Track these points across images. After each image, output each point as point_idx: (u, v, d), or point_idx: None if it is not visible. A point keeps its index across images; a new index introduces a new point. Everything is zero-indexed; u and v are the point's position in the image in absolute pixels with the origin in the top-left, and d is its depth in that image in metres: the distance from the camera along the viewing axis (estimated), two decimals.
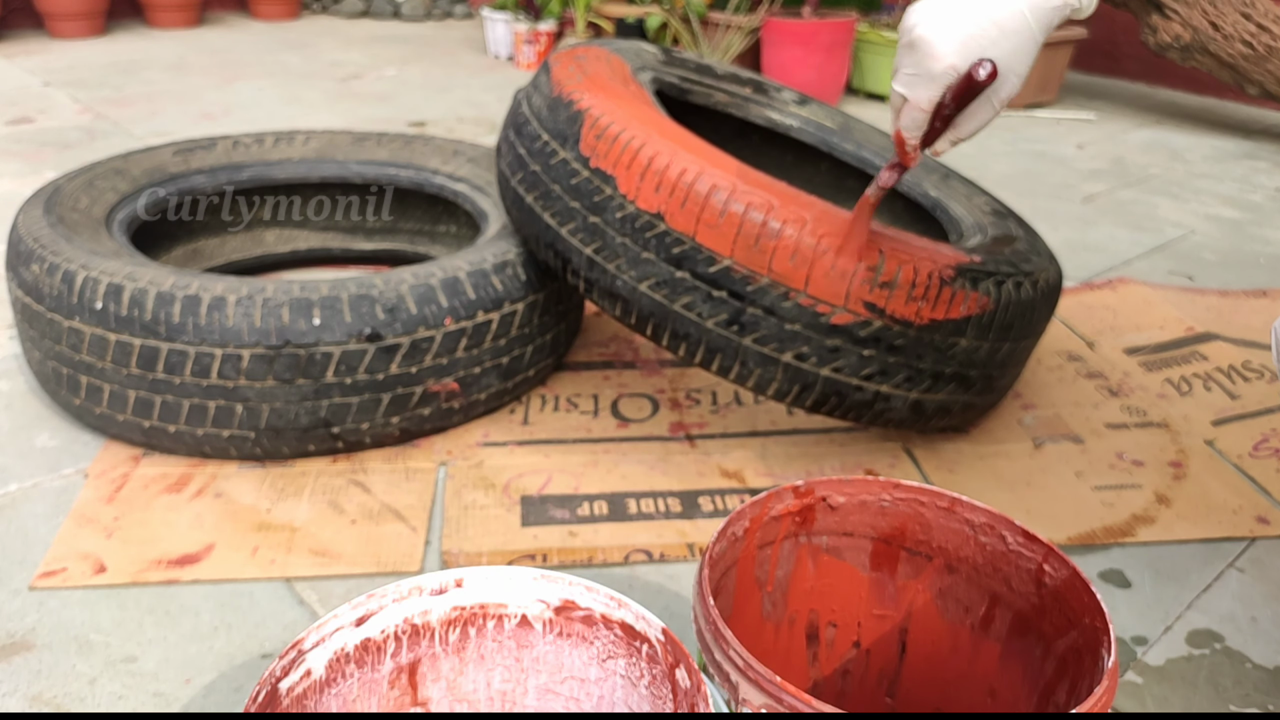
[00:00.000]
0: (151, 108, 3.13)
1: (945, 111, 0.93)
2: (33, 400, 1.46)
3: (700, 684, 0.69)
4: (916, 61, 0.91)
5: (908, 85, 0.92)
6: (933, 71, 0.90)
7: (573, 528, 1.22)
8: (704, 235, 1.15)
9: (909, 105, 0.94)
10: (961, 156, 2.88)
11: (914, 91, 0.92)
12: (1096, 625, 0.71)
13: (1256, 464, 1.39)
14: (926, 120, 0.94)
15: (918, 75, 0.91)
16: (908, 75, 0.92)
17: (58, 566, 1.11)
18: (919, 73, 0.91)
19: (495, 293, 1.32)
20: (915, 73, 0.91)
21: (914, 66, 0.91)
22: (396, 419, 1.31)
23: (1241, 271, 2.10)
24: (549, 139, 1.27)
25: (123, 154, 1.71)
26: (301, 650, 0.72)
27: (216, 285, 1.23)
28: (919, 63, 0.90)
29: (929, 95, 0.92)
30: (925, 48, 0.89)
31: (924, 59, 0.90)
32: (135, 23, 4.59)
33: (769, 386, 1.21)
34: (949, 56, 0.89)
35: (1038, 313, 1.29)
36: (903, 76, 0.93)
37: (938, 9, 0.90)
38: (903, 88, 0.93)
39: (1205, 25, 3.02)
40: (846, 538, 0.88)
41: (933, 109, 0.93)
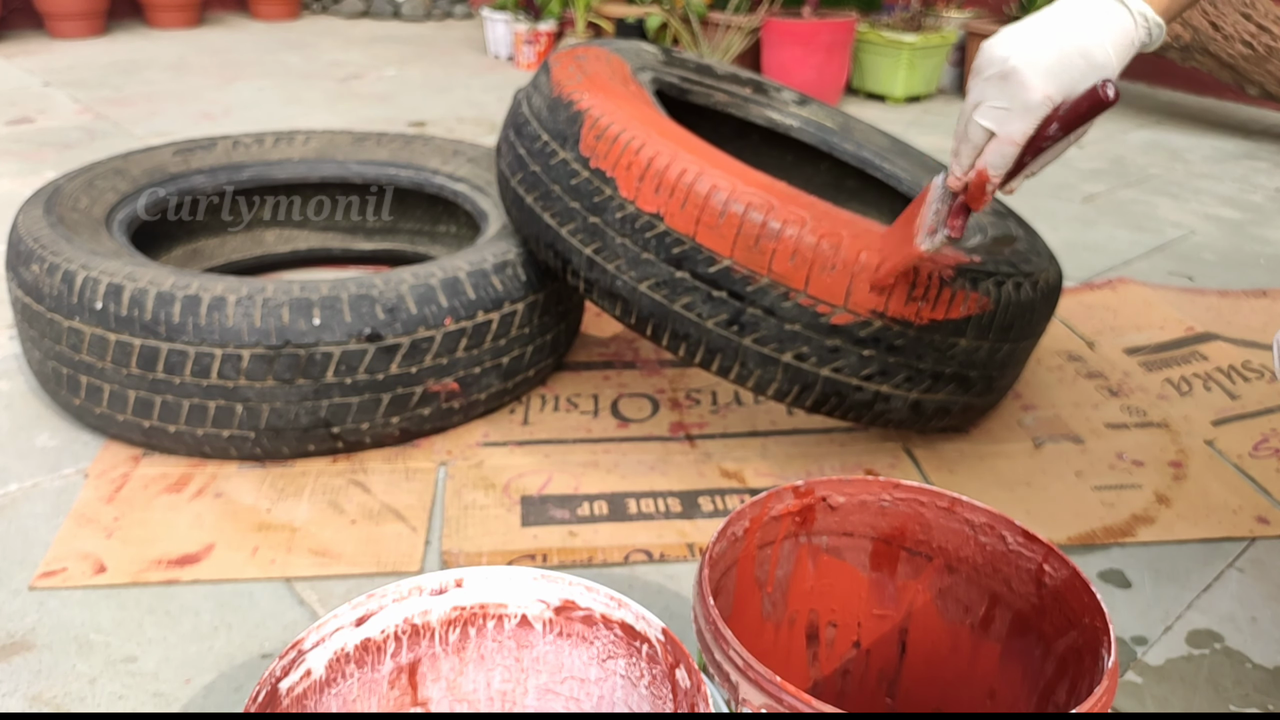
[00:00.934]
0: (151, 108, 3.13)
1: (1044, 144, 0.88)
2: (33, 400, 1.46)
3: (700, 684, 0.69)
4: (1010, 94, 0.86)
5: (998, 120, 0.88)
6: (1029, 103, 0.85)
7: (573, 528, 1.22)
8: (704, 235, 1.15)
9: (998, 141, 0.89)
10: None
11: (1006, 126, 0.87)
12: (1096, 625, 0.71)
13: (1256, 464, 1.39)
14: (1017, 155, 0.89)
15: (1010, 109, 0.87)
16: (997, 109, 0.87)
17: (58, 566, 1.11)
18: (1012, 106, 0.86)
19: (495, 293, 1.32)
20: (1007, 106, 0.87)
21: (1006, 100, 0.86)
22: (396, 419, 1.31)
23: (1241, 271, 2.10)
24: (549, 139, 1.27)
25: (123, 154, 1.71)
26: (301, 650, 0.72)
27: (216, 285, 1.23)
28: (1013, 95, 0.86)
29: (1024, 129, 0.87)
30: (1020, 79, 0.85)
31: (1019, 90, 0.85)
32: (135, 23, 4.59)
33: (769, 386, 1.21)
34: (1046, 87, 0.85)
35: (1038, 313, 1.29)
36: (990, 111, 0.88)
37: (1027, 40, 0.85)
38: (991, 123, 0.88)
39: (1205, 25, 3.02)
40: (846, 538, 0.88)
41: (1026, 143, 0.88)
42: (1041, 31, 0.86)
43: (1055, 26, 0.86)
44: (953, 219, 0.99)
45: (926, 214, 1.02)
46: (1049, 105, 0.86)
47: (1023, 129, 0.87)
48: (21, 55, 3.84)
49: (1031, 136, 0.88)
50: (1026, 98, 0.86)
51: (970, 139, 0.92)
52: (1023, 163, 0.91)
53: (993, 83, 0.88)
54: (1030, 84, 0.85)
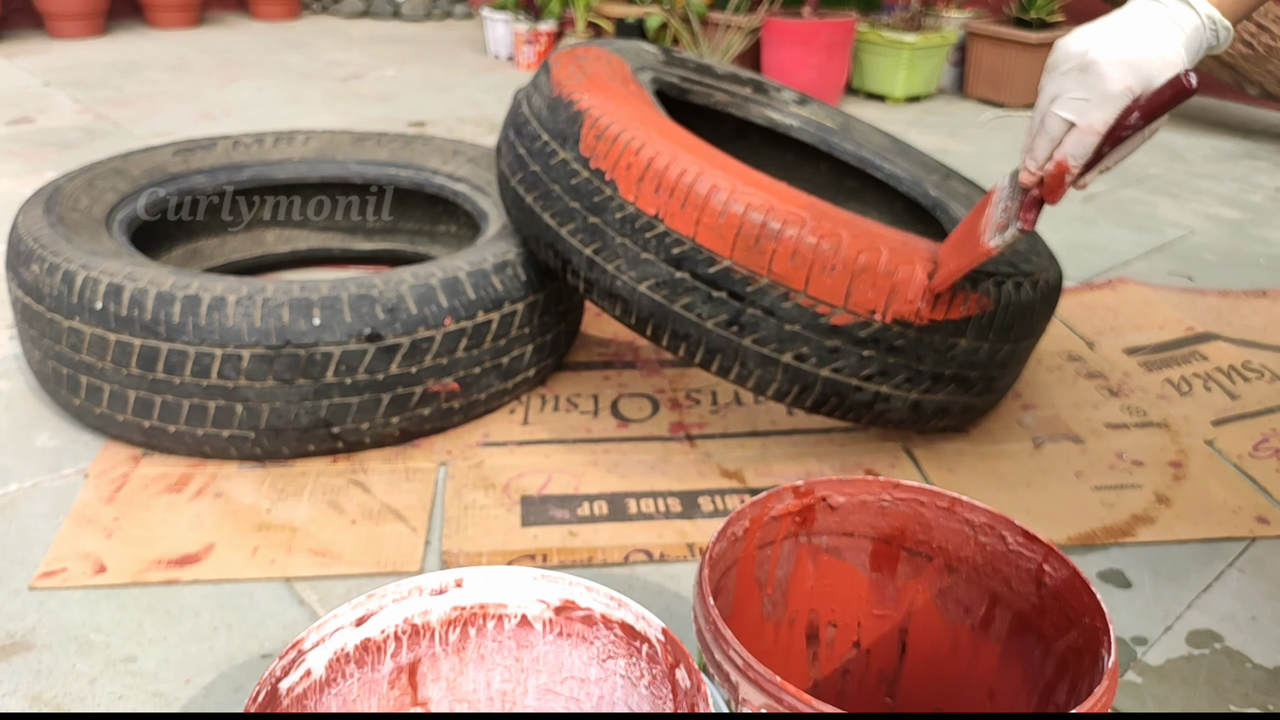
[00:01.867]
0: (151, 108, 3.13)
1: (1124, 134, 0.91)
2: (33, 400, 1.46)
3: (700, 684, 0.69)
4: (1090, 85, 0.89)
5: (1078, 111, 0.90)
6: (1110, 93, 0.88)
7: (573, 528, 1.22)
8: (704, 236, 1.15)
9: (1079, 131, 0.91)
10: (962, 157, 2.88)
11: (1087, 116, 0.90)
12: (1096, 625, 0.71)
13: (1256, 464, 1.39)
14: (1097, 145, 0.92)
15: (1090, 100, 0.89)
16: (1077, 100, 0.90)
17: (58, 566, 1.11)
18: (1091, 96, 0.89)
19: (495, 293, 1.32)
20: (1087, 97, 0.89)
21: (1086, 90, 0.89)
22: (396, 419, 1.31)
23: (1241, 271, 2.10)
24: (549, 139, 1.27)
25: (123, 154, 1.71)
26: (301, 650, 0.72)
27: (216, 285, 1.23)
28: (1093, 86, 0.89)
29: (1104, 118, 0.90)
30: (1100, 70, 0.88)
31: (1099, 81, 0.88)
32: (135, 23, 4.59)
33: (769, 387, 1.21)
34: (1126, 79, 0.88)
35: (1038, 313, 1.29)
36: (1069, 102, 0.91)
37: (1105, 37, 0.89)
38: (1071, 114, 0.91)
39: None
40: (846, 538, 0.88)
41: (1106, 132, 0.91)
42: (1118, 29, 0.89)
43: (1131, 26, 0.89)
44: (1025, 212, 1.00)
45: (993, 213, 1.03)
46: (1129, 96, 0.89)
47: (1103, 118, 0.90)
48: (21, 55, 3.84)
49: (1112, 126, 0.91)
50: (1106, 88, 0.88)
51: (1048, 131, 0.94)
52: (1100, 154, 0.93)
53: (1071, 75, 0.90)
54: (1110, 75, 0.88)
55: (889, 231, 1.19)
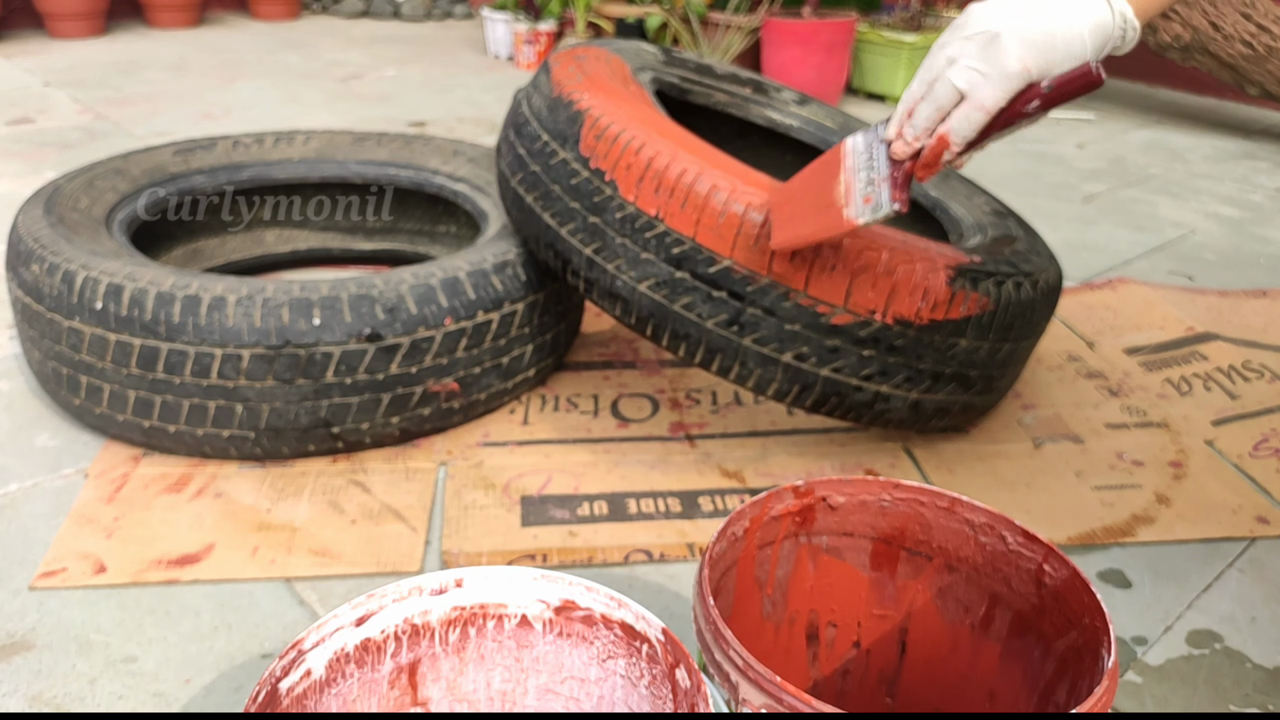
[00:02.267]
0: (151, 108, 3.13)
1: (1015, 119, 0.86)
2: (33, 400, 1.46)
3: (700, 684, 0.69)
4: (990, 58, 0.84)
5: (972, 83, 0.85)
6: (1008, 71, 0.83)
7: (573, 528, 1.22)
8: (704, 236, 1.15)
9: (967, 105, 0.86)
10: None
11: (979, 91, 0.85)
12: (1096, 625, 0.71)
13: (1256, 464, 1.39)
14: (984, 124, 0.87)
15: (987, 75, 0.84)
16: (973, 71, 0.85)
17: (58, 566, 1.11)
18: (990, 71, 0.84)
19: (495, 293, 1.32)
20: (985, 71, 0.84)
21: (985, 64, 0.84)
22: (396, 419, 1.31)
23: (1241, 271, 2.10)
24: (549, 139, 1.27)
25: (123, 154, 1.71)
26: (301, 650, 0.72)
27: (216, 285, 1.23)
28: (994, 59, 0.84)
29: (997, 97, 0.85)
30: (1002, 45, 0.83)
31: (1001, 55, 0.83)
32: (135, 23, 4.59)
33: (769, 386, 1.21)
34: (1026, 60, 0.83)
35: (1038, 313, 1.29)
36: (966, 70, 0.85)
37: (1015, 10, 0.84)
38: (964, 84, 0.85)
39: (1205, 25, 3.02)
40: (846, 538, 0.88)
41: (996, 112, 0.86)
42: (1033, 8, 0.85)
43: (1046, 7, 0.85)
44: (898, 191, 0.91)
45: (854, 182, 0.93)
46: (1025, 79, 0.84)
47: (996, 97, 0.85)
48: (21, 55, 3.84)
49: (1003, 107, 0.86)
50: (1006, 65, 0.84)
51: (936, 98, 0.88)
52: (985, 134, 0.88)
53: (973, 42, 0.85)
54: (1012, 52, 0.83)
55: (889, 231, 1.19)
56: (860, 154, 0.95)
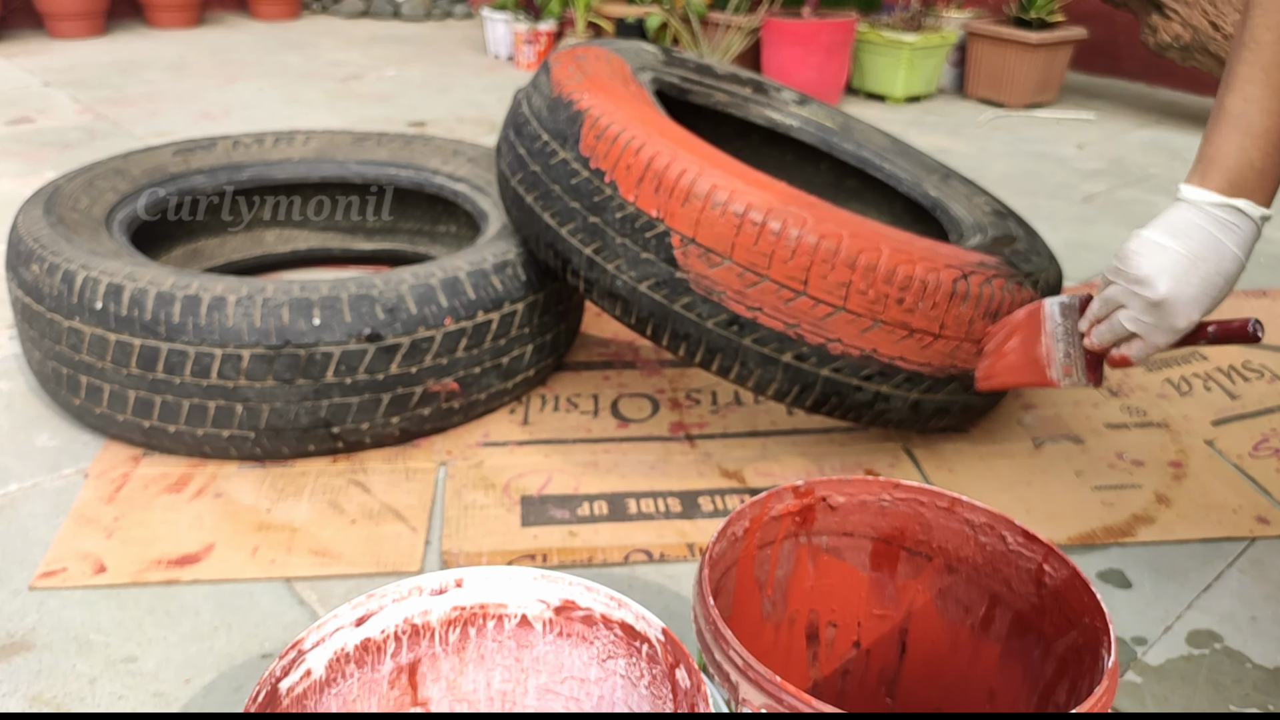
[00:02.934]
0: (151, 108, 3.13)
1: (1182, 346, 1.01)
2: (33, 400, 1.46)
3: (700, 684, 0.69)
4: (1159, 316, 0.96)
5: (1145, 330, 0.99)
6: (1177, 328, 0.97)
7: (573, 528, 1.22)
8: (704, 235, 1.15)
9: (1143, 343, 1.01)
10: (962, 157, 2.88)
11: (1153, 337, 0.99)
12: (1096, 625, 0.71)
13: (1256, 464, 1.39)
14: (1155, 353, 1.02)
15: (1158, 327, 0.98)
16: (1145, 323, 0.98)
17: (58, 566, 1.11)
18: (1160, 325, 0.97)
19: (495, 293, 1.32)
20: (1156, 324, 0.97)
21: (1155, 319, 0.97)
22: (396, 419, 1.31)
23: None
24: (549, 139, 1.27)
25: (123, 154, 1.71)
26: (301, 650, 0.72)
27: (216, 285, 1.23)
28: (1163, 318, 0.96)
29: (1168, 342, 0.99)
30: (1170, 309, 0.95)
31: (1168, 318, 0.96)
32: (135, 23, 4.59)
33: (769, 386, 1.21)
34: (1192, 314, 0.95)
35: None
36: (1137, 321, 0.99)
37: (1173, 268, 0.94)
38: (1138, 329, 1.00)
39: (1205, 25, 3.02)
40: (846, 538, 0.88)
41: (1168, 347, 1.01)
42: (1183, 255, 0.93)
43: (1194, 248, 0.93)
44: (1092, 372, 1.11)
45: (1054, 348, 1.12)
46: (1192, 327, 0.98)
47: (1167, 342, 1.00)
48: (21, 55, 3.84)
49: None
50: (1174, 324, 0.97)
51: (1114, 330, 1.03)
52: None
53: (1139, 301, 0.98)
54: (1179, 314, 0.96)
55: (890, 231, 1.19)
56: (1058, 324, 1.13)
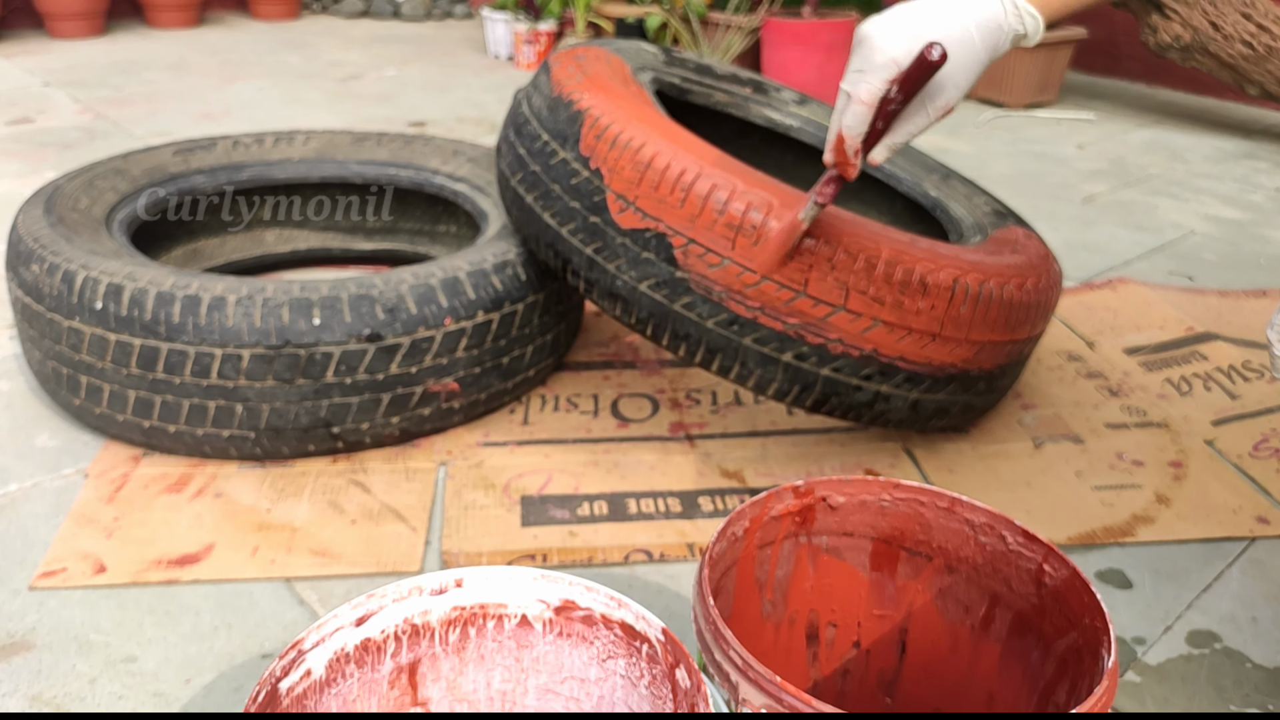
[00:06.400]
0: (151, 108, 3.13)
1: (890, 107, 0.93)
2: (33, 400, 1.46)
3: (700, 684, 0.69)
4: (862, 56, 0.92)
5: (852, 82, 0.93)
6: (875, 63, 0.91)
7: (573, 528, 1.22)
8: (704, 235, 1.15)
9: (852, 102, 0.94)
10: (962, 157, 2.88)
11: (858, 87, 0.93)
12: (1096, 625, 0.71)
13: (1256, 464, 1.39)
14: (869, 117, 0.94)
15: (862, 71, 0.92)
16: (853, 73, 0.93)
17: (58, 566, 1.11)
18: (864, 68, 0.92)
19: (495, 293, 1.32)
20: (860, 69, 0.92)
21: (860, 62, 0.92)
22: (396, 419, 1.31)
23: (1241, 271, 2.10)
24: (549, 139, 1.27)
25: (123, 154, 1.71)
26: (301, 650, 0.72)
27: (216, 285, 1.23)
28: (865, 57, 0.92)
29: (870, 88, 0.92)
30: (870, 42, 0.91)
31: (868, 52, 0.91)
32: (135, 23, 4.59)
33: (769, 386, 1.21)
34: (890, 49, 0.90)
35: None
36: (849, 75, 0.94)
37: (888, 14, 0.92)
38: (847, 85, 0.94)
39: (1205, 25, 3.02)
40: (846, 538, 0.88)
41: (875, 103, 0.93)
42: (905, 7, 0.92)
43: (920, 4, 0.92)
44: (823, 187, 1.03)
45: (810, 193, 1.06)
46: (893, 67, 0.91)
47: (868, 89, 0.92)
48: (21, 55, 3.84)
49: (879, 98, 0.93)
50: (873, 58, 0.91)
51: (837, 105, 0.97)
52: (877, 129, 0.95)
53: (853, 50, 0.94)
54: (876, 45, 0.91)
55: (890, 231, 1.19)
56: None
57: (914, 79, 0.90)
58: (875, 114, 0.94)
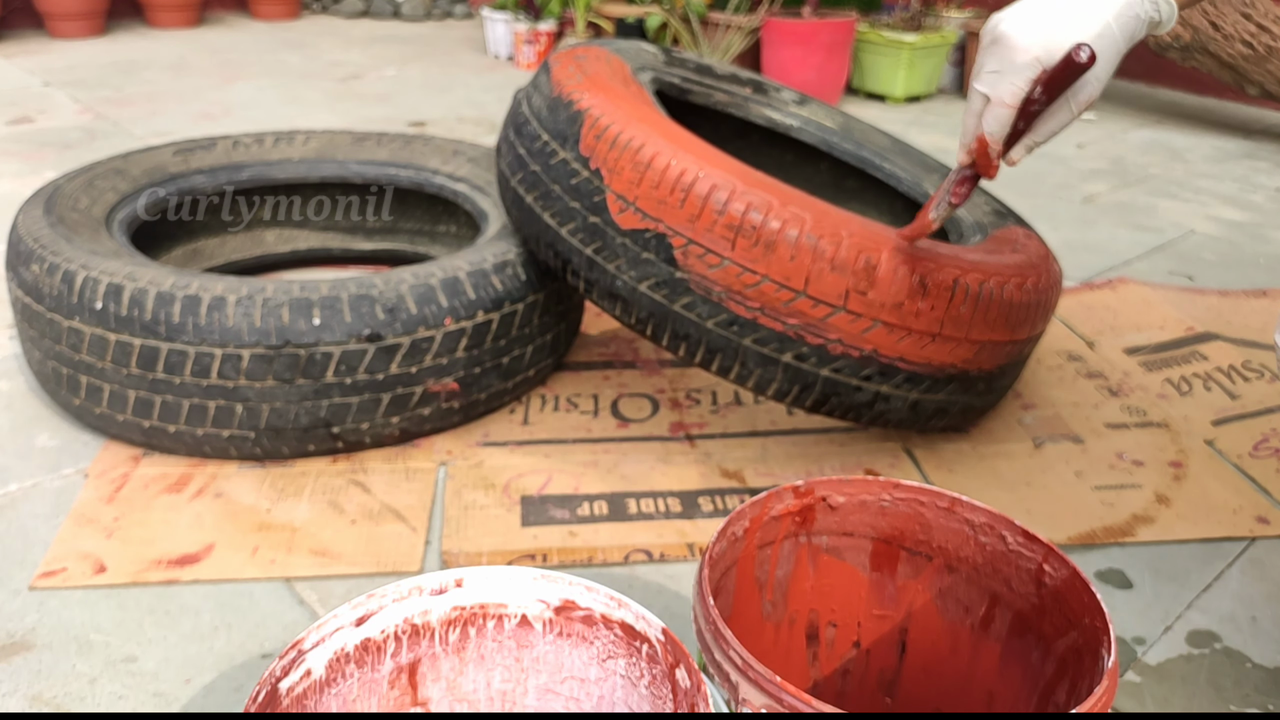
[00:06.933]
0: (151, 108, 3.13)
1: (1033, 107, 0.91)
2: (33, 400, 1.46)
3: (700, 684, 0.69)
4: (1000, 56, 0.89)
5: (991, 84, 0.91)
6: (1016, 63, 0.89)
7: (573, 528, 1.22)
8: (703, 236, 1.15)
9: (993, 104, 0.91)
10: None
11: (998, 88, 0.90)
12: (1096, 625, 0.71)
13: (1256, 464, 1.39)
14: (1012, 118, 0.92)
15: (1001, 71, 0.90)
16: (990, 74, 0.91)
17: (58, 566, 1.11)
18: (1002, 68, 0.90)
19: (495, 293, 1.32)
20: (998, 69, 0.90)
21: (997, 63, 0.90)
22: (396, 419, 1.31)
23: (1241, 271, 2.10)
24: (549, 139, 1.27)
25: (123, 154, 1.71)
26: (301, 650, 0.72)
27: (216, 285, 1.23)
28: (1003, 57, 0.89)
29: (1013, 89, 0.90)
30: (1009, 42, 0.88)
31: (1008, 52, 0.89)
32: (135, 23, 4.59)
33: (769, 386, 1.21)
34: (1034, 48, 0.88)
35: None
36: (985, 76, 0.92)
37: (1023, 11, 0.90)
38: (985, 87, 0.92)
39: (1205, 25, 3.02)
40: (846, 538, 0.88)
41: (1018, 105, 0.91)
42: (1038, 6, 0.89)
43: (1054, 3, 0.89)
44: (957, 187, 1.02)
45: (939, 193, 1.05)
46: (1036, 66, 0.89)
47: (1011, 90, 0.90)
48: (21, 55, 3.84)
49: (1023, 99, 0.91)
50: (1013, 58, 0.89)
51: (971, 107, 0.95)
52: (1018, 129, 0.93)
53: (987, 50, 0.92)
54: (1016, 45, 0.88)
55: (890, 231, 1.19)
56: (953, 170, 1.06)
57: (1060, 80, 0.88)
58: (1017, 115, 0.92)
